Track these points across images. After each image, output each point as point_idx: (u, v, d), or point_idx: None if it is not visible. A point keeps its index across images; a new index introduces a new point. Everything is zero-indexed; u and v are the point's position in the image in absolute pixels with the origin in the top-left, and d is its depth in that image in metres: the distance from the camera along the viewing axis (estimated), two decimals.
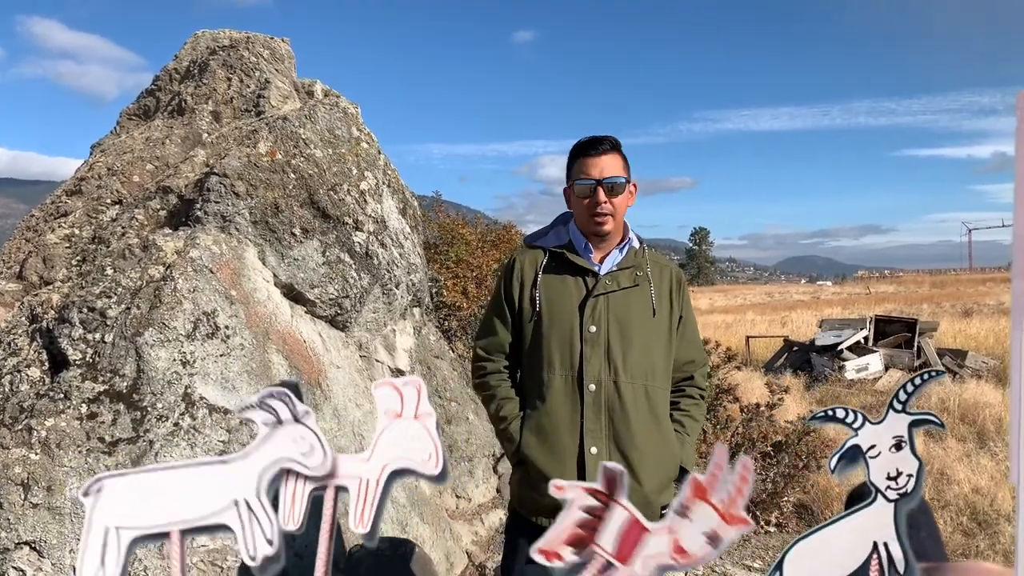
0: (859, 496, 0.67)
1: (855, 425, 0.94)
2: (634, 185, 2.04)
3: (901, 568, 0.84)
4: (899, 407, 0.93)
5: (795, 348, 12.37)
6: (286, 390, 1.12)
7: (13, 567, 2.09)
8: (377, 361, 3.54)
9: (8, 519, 2.13)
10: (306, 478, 1.09)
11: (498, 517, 3.85)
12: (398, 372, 3.68)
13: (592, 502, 1.00)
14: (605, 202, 1.92)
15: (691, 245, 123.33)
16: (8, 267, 3.24)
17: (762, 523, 4.80)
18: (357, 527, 1.06)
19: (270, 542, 1.05)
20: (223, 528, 1.07)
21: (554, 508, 1.92)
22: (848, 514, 0.90)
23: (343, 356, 3.25)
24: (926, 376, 0.98)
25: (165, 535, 1.08)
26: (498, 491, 4.13)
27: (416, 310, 4.08)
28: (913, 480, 0.89)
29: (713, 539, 0.95)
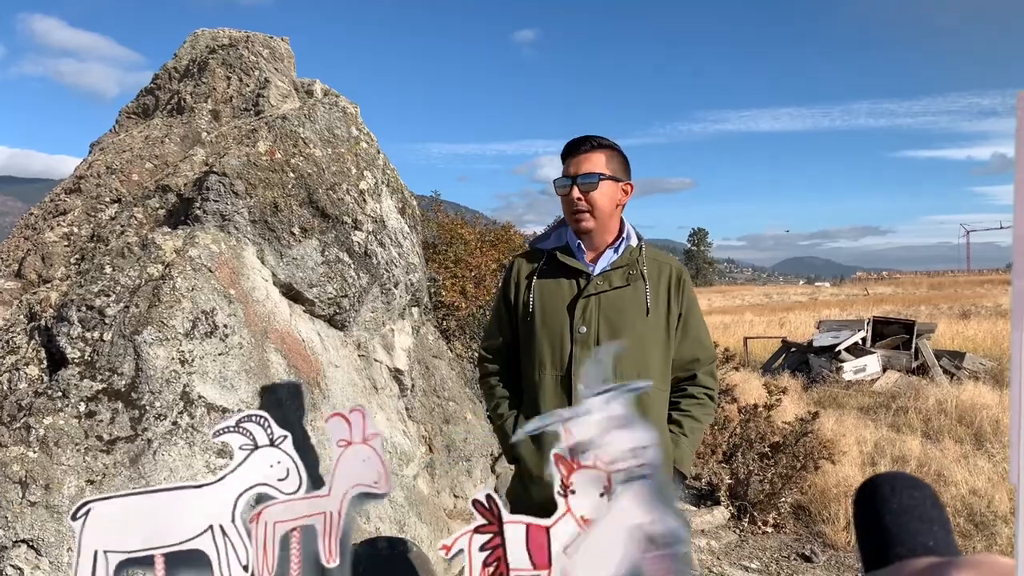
0: (866, 492, 0.66)
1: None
2: (629, 184, 2.04)
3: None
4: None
5: (793, 349, 12.38)
6: (263, 414, 1.12)
7: (11, 565, 2.09)
8: (376, 360, 3.54)
9: (6, 517, 2.13)
10: (275, 524, 1.09)
11: None
12: (396, 371, 3.68)
13: (484, 538, 1.00)
14: (579, 199, 1.94)
15: (689, 246, 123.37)
16: (7, 265, 3.24)
17: (759, 524, 4.81)
18: (329, 562, 1.07)
19: (245, 568, 1.05)
20: (200, 553, 1.07)
21: (544, 507, 1.93)
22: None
23: (342, 355, 3.25)
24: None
25: (150, 559, 1.09)
26: (496, 491, 4.13)
27: (415, 310, 4.08)
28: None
29: (606, 491, 0.95)
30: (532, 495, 1.92)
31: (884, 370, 10.68)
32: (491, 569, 1.00)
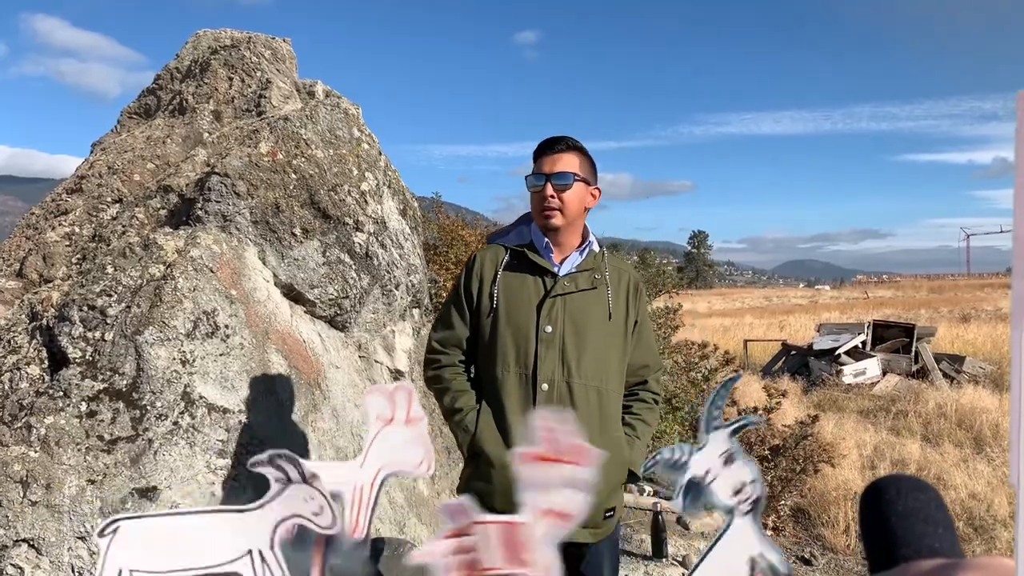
0: (872, 495, 0.66)
1: (682, 460, 0.94)
2: (597, 189, 2.08)
3: (784, 569, 0.85)
4: (715, 425, 0.93)
5: (793, 352, 12.39)
6: (292, 455, 1.13)
7: (11, 564, 2.09)
8: (376, 362, 3.55)
9: (7, 516, 2.13)
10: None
11: None
12: (397, 372, 3.68)
13: (460, 541, 1.00)
14: (552, 196, 1.98)
15: (690, 248, 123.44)
16: (8, 265, 3.24)
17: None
18: (354, 534, 1.07)
19: None
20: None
21: (505, 498, 1.95)
22: (715, 544, 0.90)
23: (342, 356, 3.26)
24: (722, 390, 0.99)
25: None
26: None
27: (415, 311, 4.09)
28: (757, 485, 0.89)
29: (576, 485, 0.95)
30: (495, 482, 1.93)
31: (884, 373, 10.69)
32: (464, 573, 1.00)
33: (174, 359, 2.46)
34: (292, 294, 3.08)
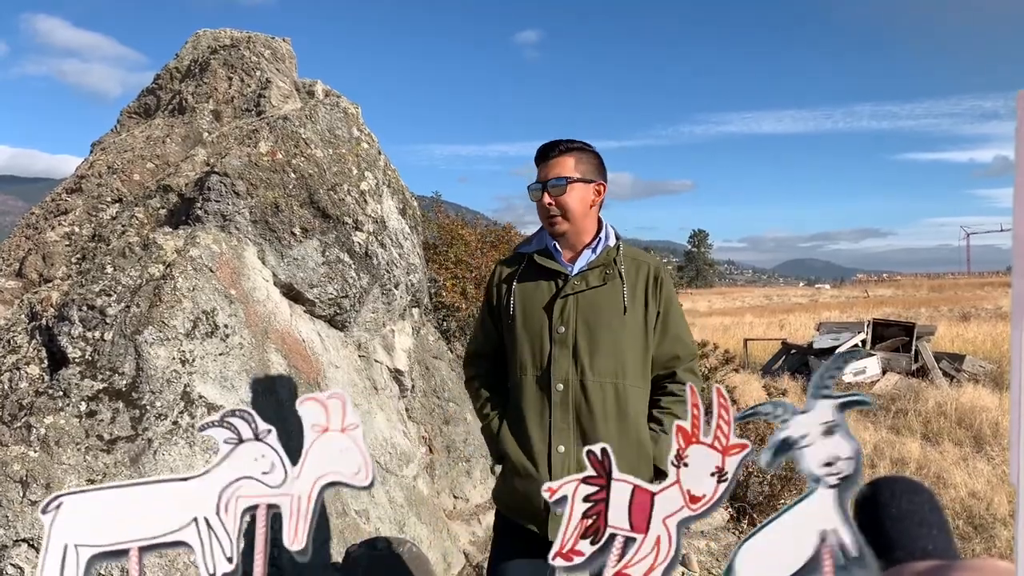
0: (867, 497, 0.66)
1: (783, 418, 0.93)
2: (602, 184, 2.06)
3: (855, 552, 0.84)
4: (823, 393, 0.93)
5: (793, 351, 12.39)
6: (248, 409, 1.12)
7: (11, 564, 2.10)
8: (376, 361, 3.55)
9: (6, 516, 2.13)
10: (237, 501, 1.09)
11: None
12: (397, 372, 3.69)
13: (590, 489, 1.02)
14: (550, 204, 1.99)
15: (690, 247, 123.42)
16: (8, 264, 3.24)
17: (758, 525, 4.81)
18: (291, 544, 1.06)
19: (229, 560, 1.06)
20: (182, 545, 1.08)
21: (529, 499, 1.94)
22: (791, 507, 0.90)
23: (342, 356, 3.26)
24: (845, 358, 0.98)
25: (124, 552, 1.09)
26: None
27: (415, 310, 4.09)
28: (852, 463, 0.88)
29: (719, 474, 0.96)
30: (518, 488, 1.96)
31: (884, 372, 10.69)
32: (589, 522, 1.02)
33: (173, 359, 2.46)
34: (291, 293, 3.08)
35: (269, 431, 1.11)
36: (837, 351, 1.08)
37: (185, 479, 1.09)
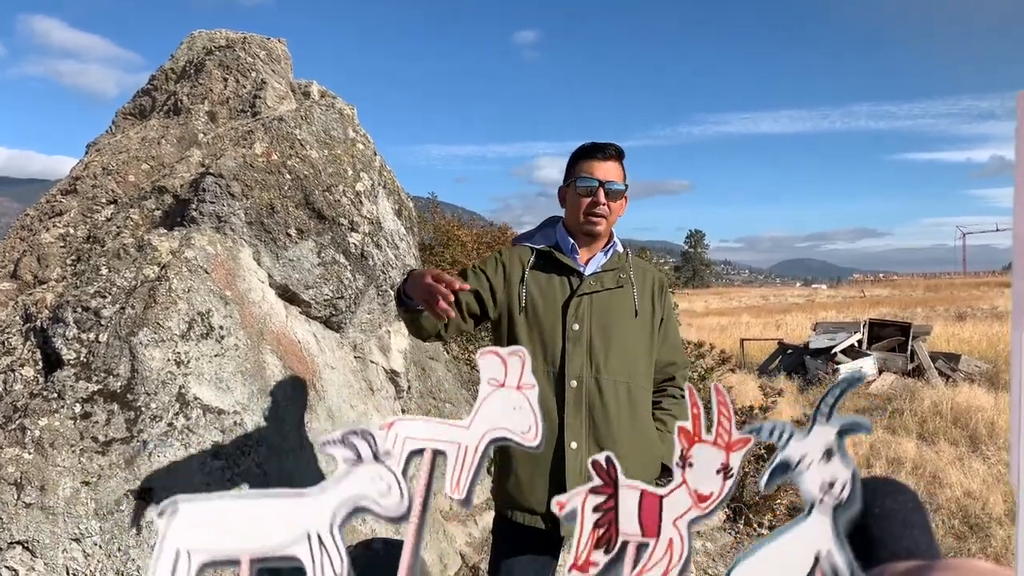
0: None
1: (781, 441, 0.94)
2: (625, 197, 2.12)
3: (847, 575, 0.85)
4: (824, 419, 0.94)
5: (789, 351, 12.41)
6: (370, 429, 1.12)
7: (5, 567, 2.09)
8: (372, 362, 3.55)
9: (1, 518, 2.13)
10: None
11: (492, 519, 3.85)
12: (393, 373, 3.68)
13: (598, 499, 1.02)
14: (604, 204, 2.01)
15: (687, 247, 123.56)
16: (2, 266, 3.23)
17: (755, 526, 4.82)
18: (453, 493, 1.07)
19: None
20: (293, 560, 1.08)
21: (528, 493, 1.93)
22: (787, 528, 0.91)
23: (338, 357, 3.25)
24: (844, 385, 0.99)
25: (235, 561, 1.09)
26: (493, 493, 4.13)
27: None
28: (848, 486, 0.89)
29: (724, 471, 0.97)
30: (522, 479, 1.97)
31: (880, 372, 10.71)
32: (602, 531, 1.02)
33: (169, 360, 2.45)
34: (287, 295, 3.08)
35: (388, 454, 1.11)
36: (841, 376, 1.08)
37: (302, 494, 1.09)
